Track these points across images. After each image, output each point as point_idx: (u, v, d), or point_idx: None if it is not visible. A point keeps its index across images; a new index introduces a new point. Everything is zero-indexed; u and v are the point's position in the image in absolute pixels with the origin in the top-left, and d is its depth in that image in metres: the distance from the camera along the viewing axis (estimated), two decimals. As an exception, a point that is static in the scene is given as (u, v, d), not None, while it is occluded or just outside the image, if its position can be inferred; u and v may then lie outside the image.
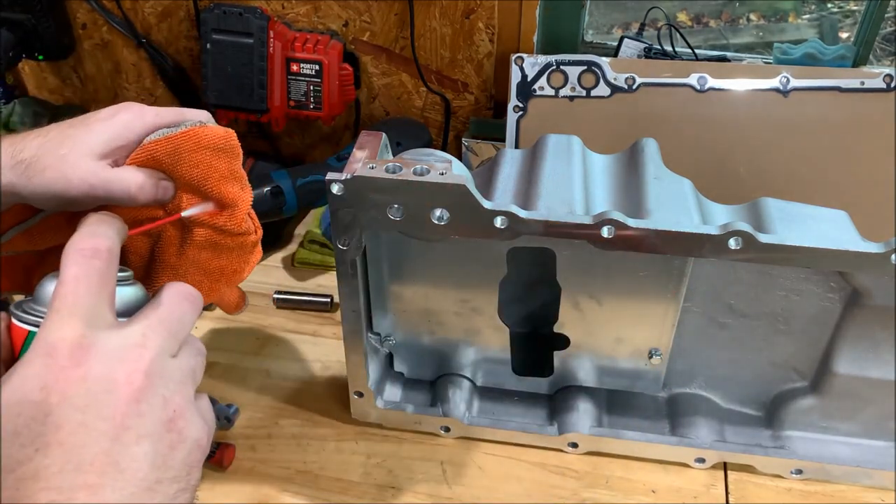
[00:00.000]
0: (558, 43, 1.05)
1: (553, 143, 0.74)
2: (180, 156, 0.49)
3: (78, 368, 0.34)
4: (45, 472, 0.32)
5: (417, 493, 0.72)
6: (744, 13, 2.38)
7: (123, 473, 0.33)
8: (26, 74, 1.23)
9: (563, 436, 0.74)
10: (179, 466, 0.36)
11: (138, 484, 0.33)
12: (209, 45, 1.04)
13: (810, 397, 0.71)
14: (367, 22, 1.06)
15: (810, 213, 0.66)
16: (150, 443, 0.34)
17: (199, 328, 0.91)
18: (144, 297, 0.44)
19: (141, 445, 0.34)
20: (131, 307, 0.42)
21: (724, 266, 0.64)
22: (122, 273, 0.42)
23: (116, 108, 0.49)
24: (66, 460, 0.32)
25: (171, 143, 0.49)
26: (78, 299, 0.36)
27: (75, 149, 0.45)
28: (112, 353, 0.35)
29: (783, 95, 0.93)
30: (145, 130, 0.48)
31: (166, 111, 0.49)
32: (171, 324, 0.38)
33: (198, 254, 0.53)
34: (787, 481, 0.72)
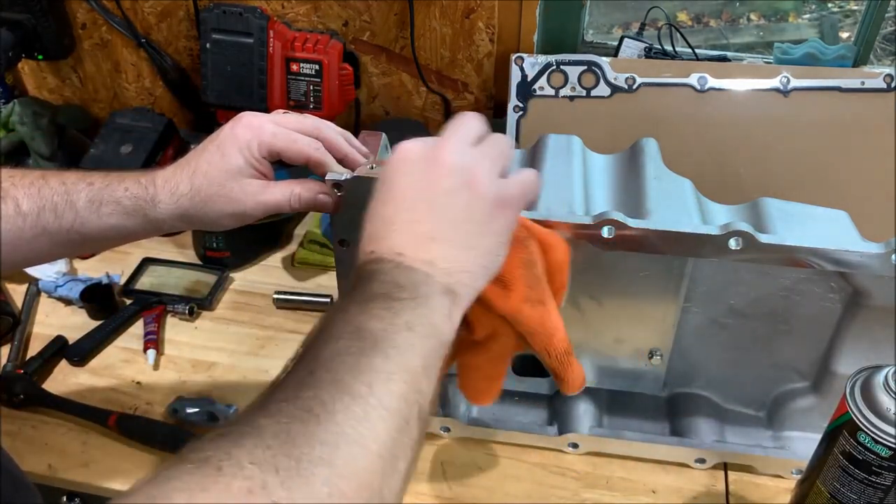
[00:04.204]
0: (558, 43, 1.05)
1: (553, 143, 0.74)
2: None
3: (404, 160, 0.48)
4: (388, 214, 0.47)
5: (417, 493, 0.72)
6: (744, 13, 2.38)
7: (435, 213, 0.46)
8: (26, 74, 1.23)
9: (563, 436, 0.74)
10: (479, 216, 0.47)
11: (449, 220, 0.46)
12: (209, 45, 1.04)
13: (810, 397, 0.71)
14: (367, 22, 1.06)
15: (810, 213, 0.66)
16: (452, 196, 0.46)
17: (198, 328, 0.91)
18: None
19: (448, 195, 0.46)
20: None
21: (724, 266, 0.64)
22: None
23: (233, 125, 0.60)
24: (399, 206, 0.47)
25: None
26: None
27: (225, 176, 0.58)
28: (424, 148, 0.49)
29: (783, 95, 0.93)
30: (266, 143, 0.59)
31: (283, 123, 0.60)
32: (462, 130, 0.50)
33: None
34: (787, 481, 0.72)
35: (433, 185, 0.47)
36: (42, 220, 0.58)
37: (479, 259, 0.47)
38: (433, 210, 0.46)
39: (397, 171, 0.48)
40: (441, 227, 0.46)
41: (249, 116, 0.60)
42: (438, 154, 0.48)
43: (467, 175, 0.47)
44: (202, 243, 0.98)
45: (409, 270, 0.44)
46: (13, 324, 0.89)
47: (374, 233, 0.47)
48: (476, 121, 0.51)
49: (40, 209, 0.58)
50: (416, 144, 0.49)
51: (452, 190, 0.47)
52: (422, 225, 0.46)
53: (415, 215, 0.46)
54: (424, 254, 0.45)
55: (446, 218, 0.46)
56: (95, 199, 0.59)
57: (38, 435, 0.78)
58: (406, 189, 0.47)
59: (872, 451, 0.56)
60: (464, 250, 0.46)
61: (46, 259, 0.64)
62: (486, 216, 0.47)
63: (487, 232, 0.47)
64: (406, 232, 0.46)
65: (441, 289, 0.45)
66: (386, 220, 0.47)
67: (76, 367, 0.85)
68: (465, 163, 0.47)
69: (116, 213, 0.59)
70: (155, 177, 0.60)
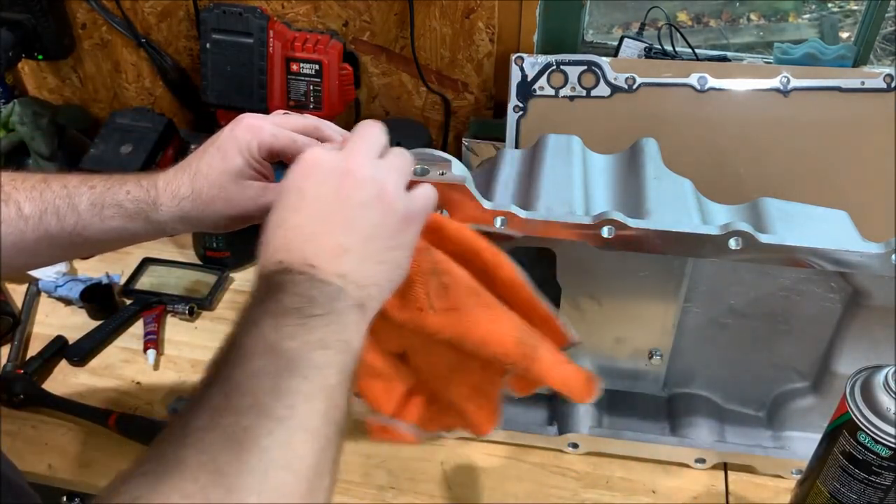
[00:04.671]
0: (558, 43, 1.05)
1: (553, 143, 0.74)
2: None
3: (314, 168, 0.48)
4: (299, 223, 0.46)
5: (417, 493, 0.72)
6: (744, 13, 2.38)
7: (349, 226, 0.46)
8: (26, 74, 1.23)
9: (563, 436, 0.74)
10: (390, 230, 0.47)
11: (361, 233, 0.46)
12: (209, 45, 1.04)
13: (810, 397, 0.71)
14: (367, 22, 1.06)
15: (810, 213, 0.66)
16: (366, 209, 0.47)
17: (198, 328, 0.91)
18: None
19: (360, 209, 0.47)
20: None
21: (724, 266, 0.64)
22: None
23: (233, 127, 0.59)
24: (311, 215, 0.46)
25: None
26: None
27: (226, 179, 0.58)
28: (335, 158, 0.48)
29: (783, 95, 0.93)
30: (266, 144, 0.58)
31: (283, 124, 0.60)
32: (368, 141, 0.50)
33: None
34: (787, 481, 0.72)
35: (346, 198, 0.47)
36: (44, 224, 0.58)
37: (387, 273, 0.48)
38: (347, 222, 0.46)
39: (308, 178, 0.48)
40: (353, 240, 0.46)
41: (249, 118, 0.60)
42: (350, 165, 0.48)
43: (379, 188, 0.47)
44: (202, 243, 0.98)
45: (322, 284, 0.44)
46: (13, 324, 0.89)
47: (283, 241, 0.46)
48: (379, 130, 0.52)
49: (42, 212, 0.58)
50: (325, 153, 0.48)
51: (365, 203, 0.47)
52: (335, 236, 0.46)
53: (328, 226, 0.46)
54: (337, 266, 0.45)
55: (359, 230, 0.46)
56: (97, 203, 0.59)
57: (38, 435, 0.78)
58: (317, 198, 0.47)
59: (872, 451, 0.56)
60: (374, 264, 0.47)
61: (48, 262, 0.65)
62: (395, 230, 0.48)
63: (396, 245, 0.48)
64: (319, 242, 0.45)
65: (352, 302, 0.44)
66: (297, 228, 0.46)
67: (76, 367, 0.85)
68: (377, 176, 0.48)
69: (118, 215, 0.59)
70: (156, 179, 0.60)
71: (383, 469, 0.74)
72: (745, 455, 0.72)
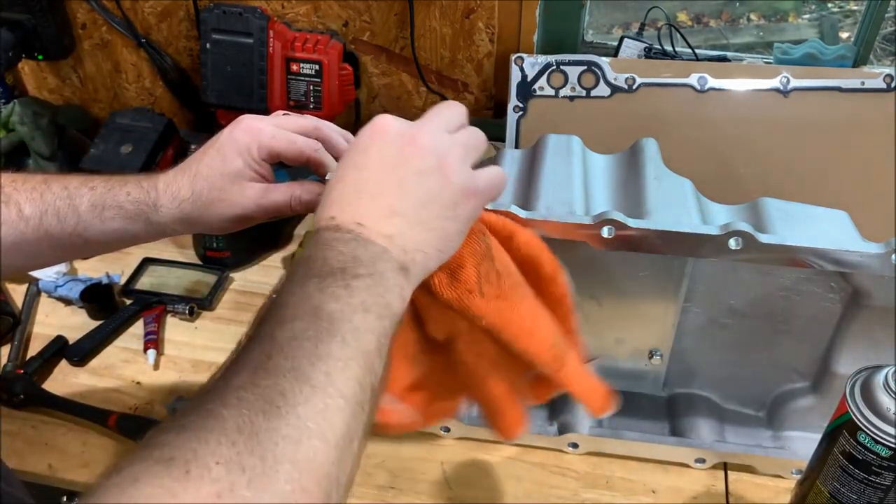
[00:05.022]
0: (558, 43, 1.05)
1: (553, 143, 0.74)
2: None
3: (382, 133, 0.49)
4: (356, 181, 0.47)
5: (417, 493, 0.72)
6: (744, 13, 2.38)
7: (403, 190, 0.46)
8: (26, 74, 1.23)
9: (563, 436, 0.74)
10: (445, 200, 0.47)
11: (415, 199, 0.46)
12: (209, 45, 1.04)
13: (810, 397, 0.71)
14: (367, 22, 1.06)
15: (810, 213, 0.66)
16: (423, 177, 0.47)
17: (198, 328, 0.91)
18: None
19: (418, 175, 0.47)
20: None
21: (724, 266, 0.64)
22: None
23: (232, 129, 0.59)
24: (369, 175, 0.47)
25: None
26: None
27: (226, 181, 0.58)
28: (404, 125, 0.49)
29: (783, 95, 0.93)
30: (266, 146, 0.59)
31: (282, 125, 0.60)
32: (442, 116, 0.51)
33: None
34: (787, 481, 0.72)
35: (406, 163, 0.47)
36: (45, 225, 0.58)
37: (436, 242, 0.48)
38: (402, 186, 0.47)
39: (374, 141, 0.49)
40: (406, 204, 0.46)
41: (249, 119, 0.60)
42: (416, 134, 0.48)
43: (440, 158, 0.48)
44: (202, 243, 0.98)
45: (368, 243, 0.44)
46: (13, 324, 0.89)
47: (338, 197, 0.47)
48: (456, 110, 0.52)
49: (42, 213, 0.58)
50: (396, 120, 0.49)
51: (423, 170, 0.47)
52: (387, 199, 0.46)
53: (382, 188, 0.47)
54: (385, 227, 0.45)
55: (413, 196, 0.47)
56: (98, 204, 0.59)
57: (38, 435, 0.78)
58: (379, 161, 0.48)
59: (872, 451, 0.56)
60: (423, 230, 0.47)
61: (49, 263, 0.65)
62: (451, 201, 0.48)
63: (449, 217, 0.48)
64: (371, 203, 0.46)
65: (396, 265, 0.45)
66: (353, 186, 0.47)
67: (76, 367, 0.85)
68: (440, 147, 0.48)
69: (119, 217, 0.59)
70: (156, 181, 0.60)
71: (383, 469, 0.74)
72: (745, 455, 0.72)
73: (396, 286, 0.45)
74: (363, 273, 0.43)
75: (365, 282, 0.43)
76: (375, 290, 0.43)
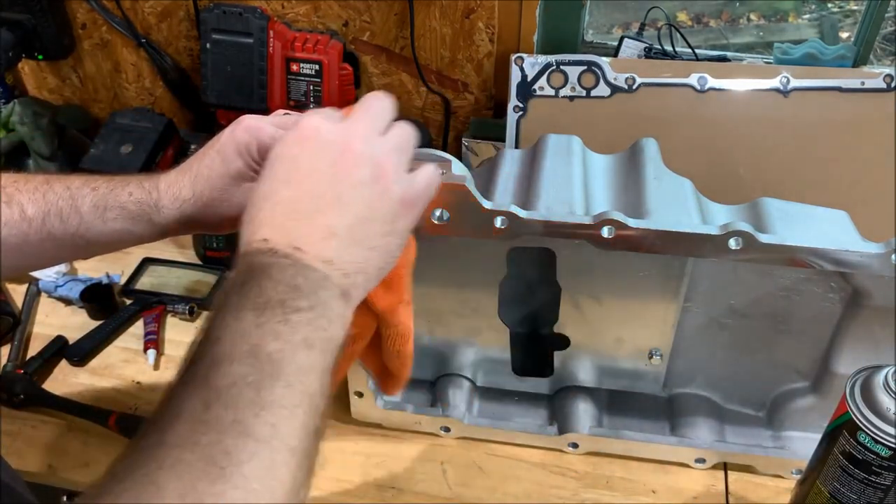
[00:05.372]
0: (558, 43, 1.05)
1: (553, 143, 0.74)
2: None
3: (312, 140, 0.46)
4: (289, 198, 0.44)
5: (417, 493, 0.72)
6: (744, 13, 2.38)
7: (344, 206, 0.44)
8: (26, 74, 1.23)
9: (563, 436, 0.74)
10: (385, 215, 0.45)
11: (353, 216, 0.44)
12: (209, 45, 1.04)
13: (810, 397, 0.71)
14: (367, 22, 1.06)
15: (810, 213, 0.66)
16: (360, 190, 0.44)
17: (198, 328, 0.91)
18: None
19: (356, 189, 0.44)
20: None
21: (724, 266, 0.64)
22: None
23: (232, 130, 0.58)
24: (302, 191, 0.44)
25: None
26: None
27: (227, 181, 0.58)
28: (334, 130, 0.46)
29: (783, 95, 0.93)
30: (266, 145, 0.57)
31: (282, 125, 0.58)
32: (372, 115, 0.48)
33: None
34: (787, 481, 0.72)
35: (342, 176, 0.44)
36: (47, 225, 0.58)
37: (377, 260, 0.45)
38: (339, 202, 0.44)
39: (304, 148, 0.45)
40: (344, 223, 0.43)
41: (248, 120, 0.59)
42: (349, 141, 0.45)
43: (377, 168, 0.45)
44: (202, 243, 0.98)
45: (307, 270, 0.41)
46: (13, 324, 0.89)
47: (270, 217, 0.43)
48: (387, 104, 0.49)
49: (45, 214, 0.58)
50: (325, 123, 0.46)
51: (361, 183, 0.44)
52: (325, 217, 0.43)
53: (318, 205, 0.43)
54: (324, 251, 0.42)
55: (351, 213, 0.44)
56: (100, 205, 0.59)
57: (38, 435, 0.78)
58: (312, 173, 0.44)
59: (872, 450, 0.56)
60: (364, 249, 0.44)
61: (51, 263, 0.64)
62: (390, 215, 0.45)
63: (390, 232, 0.46)
64: (307, 223, 0.43)
65: (338, 292, 0.42)
66: (286, 204, 0.44)
67: (76, 367, 0.85)
68: (376, 154, 0.45)
69: (121, 217, 0.59)
70: (158, 182, 0.60)
71: (383, 469, 0.74)
72: (745, 455, 0.72)
73: (339, 317, 0.42)
74: (304, 306, 0.40)
75: (306, 315, 0.40)
76: (318, 324, 0.40)
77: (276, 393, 0.37)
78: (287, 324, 0.39)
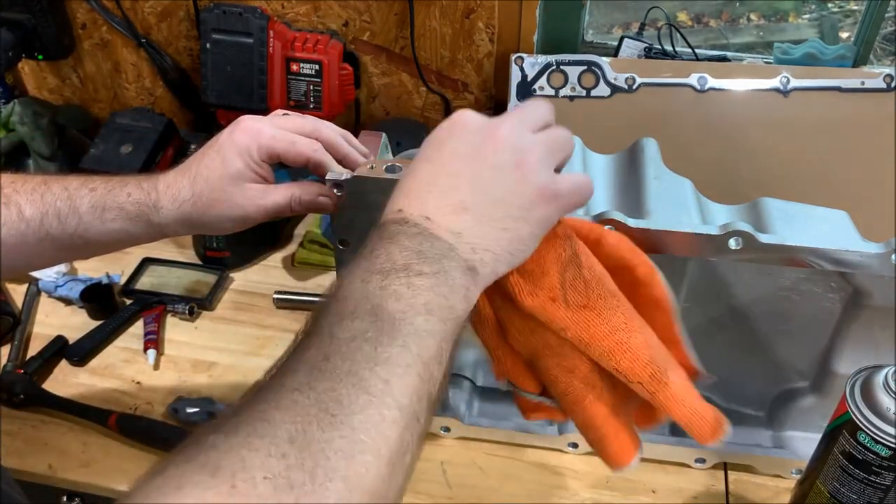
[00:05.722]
0: (558, 43, 1.05)
1: (553, 143, 0.74)
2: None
3: (461, 126, 0.47)
4: (428, 173, 0.46)
5: (417, 493, 0.72)
6: (744, 13, 2.38)
7: (476, 185, 0.45)
8: (26, 74, 1.23)
9: (563, 436, 0.74)
10: (521, 200, 0.45)
11: (488, 195, 0.44)
12: (209, 45, 1.04)
13: (810, 397, 0.71)
14: (367, 22, 1.06)
15: (810, 213, 0.66)
16: (499, 172, 0.45)
17: (198, 328, 0.91)
18: None
19: (492, 171, 0.45)
20: None
21: (724, 266, 0.64)
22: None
23: (232, 130, 0.59)
24: (441, 168, 0.46)
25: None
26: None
27: (226, 182, 0.58)
28: (485, 120, 0.47)
29: (783, 95, 0.93)
30: (266, 147, 0.58)
31: (282, 125, 0.60)
32: (526, 113, 0.48)
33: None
34: (786, 481, 0.72)
35: (482, 157, 0.45)
36: (45, 226, 0.58)
37: (507, 243, 0.45)
38: (475, 181, 0.45)
39: (451, 134, 0.47)
40: (478, 200, 0.44)
41: (248, 120, 0.59)
42: (496, 128, 0.46)
43: (519, 155, 0.45)
44: (202, 243, 0.98)
45: (434, 239, 0.43)
46: (13, 324, 0.89)
47: (408, 189, 0.45)
48: (543, 108, 0.49)
49: (43, 215, 0.58)
50: (477, 115, 0.47)
51: (500, 166, 0.45)
52: (459, 193, 0.44)
53: (455, 181, 0.45)
54: (453, 223, 0.43)
55: (486, 192, 0.44)
56: (98, 205, 0.59)
57: (38, 435, 0.78)
58: (454, 154, 0.46)
59: (872, 450, 0.56)
60: (494, 230, 0.44)
61: (50, 263, 0.65)
62: (527, 202, 0.45)
63: (523, 218, 0.45)
64: (441, 196, 0.44)
65: (463, 264, 0.43)
66: (424, 179, 0.45)
67: (76, 367, 0.85)
68: (521, 143, 0.46)
69: (120, 218, 0.59)
70: (157, 182, 0.60)
71: (383, 469, 0.74)
72: (745, 455, 0.72)
73: (462, 287, 0.42)
74: (427, 271, 0.41)
75: (429, 280, 0.41)
76: (440, 291, 0.41)
77: (392, 351, 0.38)
78: (410, 287, 0.40)
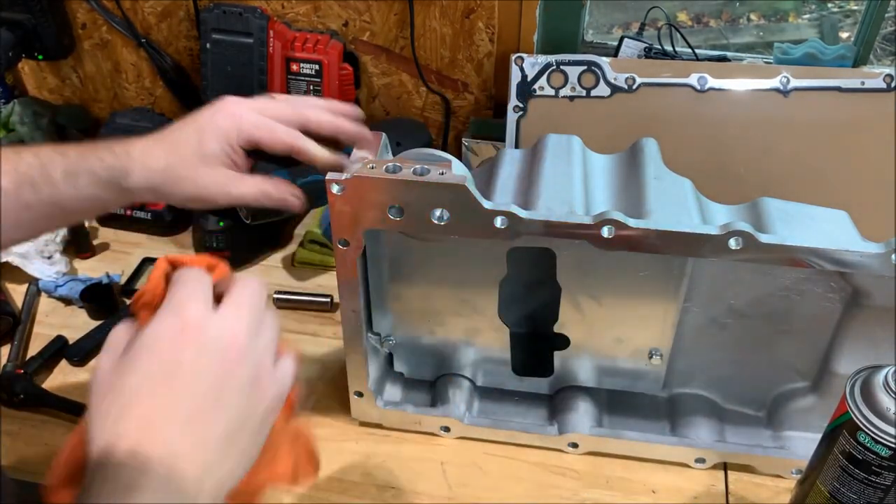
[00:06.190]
0: (558, 43, 1.05)
1: (553, 143, 0.74)
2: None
3: (195, 331, 0.41)
4: (162, 402, 0.39)
5: (417, 493, 0.72)
6: (744, 13, 2.38)
7: (221, 412, 0.40)
8: (26, 74, 1.23)
9: (563, 436, 0.74)
10: (258, 420, 0.42)
11: (230, 423, 0.40)
12: (209, 45, 1.04)
13: (810, 397, 0.71)
14: (367, 22, 1.06)
15: (810, 213, 0.66)
16: (240, 395, 0.41)
17: (198, 328, 0.91)
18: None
19: (236, 395, 0.41)
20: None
21: (724, 266, 0.64)
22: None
23: (214, 112, 0.60)
24: (182, 394, 0.39)
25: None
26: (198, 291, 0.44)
27: (199, 161, 0.58)
28: (217, 326, 0.42)
29: (783, 95, 0.93)
30: (245, 133, 0.59)
31: (266, 111, 0.60)
32: (251, 305, 0.44)
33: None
34: (786, 481, 0.72)
35: (225, 379, 0.41)
36: (22, 196, 0.58)
37: (241, 469, 0.42)
38: (218, 409, 0.40)
39: (188, 343, 0.40)
40: (219, 430, 0.40)
41: (231, 104, 0.59)
42: (234, 339, 0.42)
43: (256, 369, 0.42)
44: (202, 243, 0.98)
45: (181, 482, 0.38)
46: (13, 324, 0.89)
47: (146, 412, 0.39)
48: (261, 293, 0.46)
49: (18, 185, 0.58)
50: (205, 315, 0.42)
51: (241, 387, 0.41)
52: (204, 426, 0.39)
53: (200, 411, 0.39)
54: (199, 465, 0.39)
55: (231, 421, 0.40)
56: (71, 171, 0.59)
57: (38, 435, 0.78)
58: (195, 373, 0.40)
59: (872, 450, 0.56)
60: (233, 460, 0.41)
61: (30, 234, 0.63)
62: (262, 419, 0.43)
63: (258, 440, 0.43)
64: (186, 429, 0.39)
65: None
66: (165, 400, 0.39)
67: (76, 367, 0.85)
68: (256, 354, 0.43)
69: (92, 183, 0.59)
70: (130, 147, 0.60)
71: (383, 469, 0.74)
72: (745, 455, 0.72)
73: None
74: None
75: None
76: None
77: None
78: None
